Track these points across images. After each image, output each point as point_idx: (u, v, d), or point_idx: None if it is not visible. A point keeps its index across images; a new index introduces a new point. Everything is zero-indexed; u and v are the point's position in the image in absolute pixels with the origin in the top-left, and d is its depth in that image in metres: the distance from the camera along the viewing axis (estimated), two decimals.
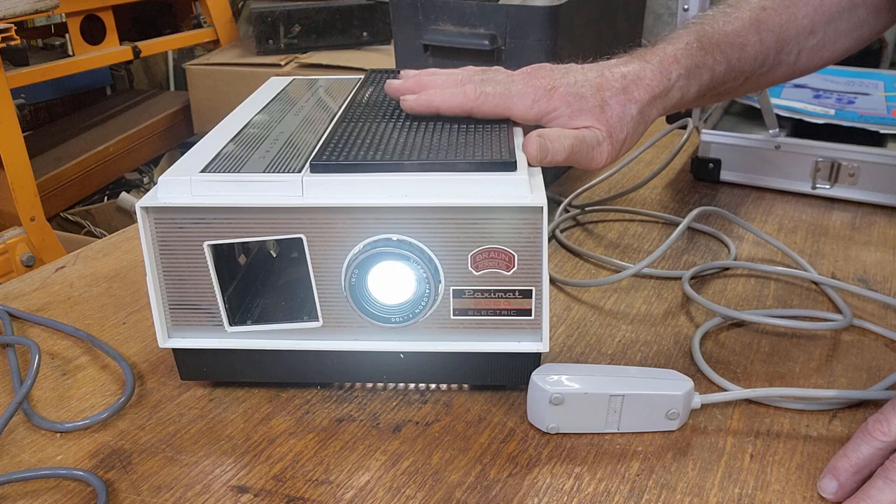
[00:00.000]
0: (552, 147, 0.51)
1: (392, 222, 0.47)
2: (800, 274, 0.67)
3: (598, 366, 0.53)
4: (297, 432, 0.50)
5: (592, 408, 0.48)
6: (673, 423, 0.49)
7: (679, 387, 0.48)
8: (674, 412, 0.48)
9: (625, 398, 0.48)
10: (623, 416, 0.48)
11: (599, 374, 0.49)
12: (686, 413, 0.49)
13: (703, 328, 0.59)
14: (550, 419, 0.48)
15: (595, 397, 0.48)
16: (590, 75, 0.55)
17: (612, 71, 0.55)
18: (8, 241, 1.64)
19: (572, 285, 0.67)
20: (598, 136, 0.53)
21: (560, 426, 0.49)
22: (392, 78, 0.59)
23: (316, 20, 2.19)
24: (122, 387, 0.55)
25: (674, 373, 0.50)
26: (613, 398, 0.48)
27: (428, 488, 0.45)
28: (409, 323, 0.49)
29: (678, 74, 0.55)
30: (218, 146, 0.52)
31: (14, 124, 1.66)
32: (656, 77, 0.55)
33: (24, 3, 1.63)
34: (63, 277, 0.70)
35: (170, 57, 2.86)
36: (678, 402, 0.48)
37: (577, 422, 0.49)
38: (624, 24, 0.97)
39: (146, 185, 2.25)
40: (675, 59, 0.56)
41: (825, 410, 0.51)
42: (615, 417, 0.48)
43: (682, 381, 0.49)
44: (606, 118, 0.53)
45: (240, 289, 0.54)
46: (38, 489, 0.46)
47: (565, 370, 0.49)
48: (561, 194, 0.83)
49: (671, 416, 0.48)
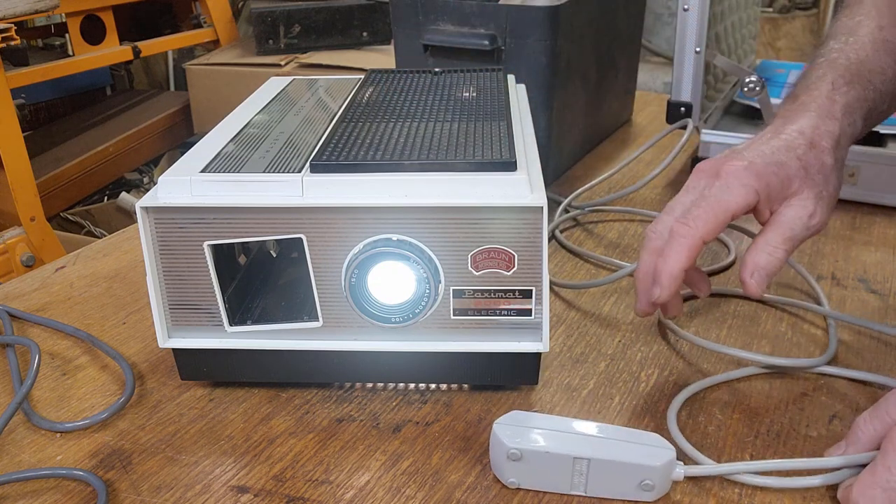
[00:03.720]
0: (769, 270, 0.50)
1: (392, 222, 0.47)
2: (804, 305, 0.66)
3: (575, 420, 0.45)
4: (297, 432, 0.50)
5: (555, 467, 0.44)
6: (647, 494, 0.44)
7: (656, 456, 0.43)
8: (648, 483, 0.43)
9: (591, 462, 0.43)
10: (590, 480, 0.44)
11: (569, 431, 0.44)
12: (665, 485, 0.44)
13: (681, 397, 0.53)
14: (510, 474, 0.44)
15: (558, 458, 0.43)
16: (773, 143, 0.51)
17: (788, 132, 0.52)
18: (8, 241, 1.64)
19: (570, 288, 0.67)
20: (808, 206, 0.50)
21: (520, 482, 0.45)
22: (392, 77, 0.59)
23: (316, 20, 2.18)
24: (122, 387, 0.55)
25: (656, 438, 0.44)
26: (578, 460, 0.43)
27: (428, 488, 0.45)
28: (409, 323, 0.49)
29: (841, 114, 0.53)
30: (218, 146, 0.52)
31: (14, 124, 1.66)
32: (827, 122, 0.52)
33: (24, 3, 1.63)
34: (63, 277, 0.70)
35: (170, 57, 2.86)
36: (654, 473, 0.43)
37: (539, 480, 0.44)
38: (624, 24, 0.97)
39: (146, 185, 2.25)
40: (832, 100, 0.53)
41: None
42: (581, 480, 0.44)
43: (662, 449, 0.43)
44: (812, 178, 0.50)
45: (240, 289, 0.54)
46: (38, 489, 0.46)
47: (534, 421, 0.45)
48: (561, 194, 0.83)
49: (645, 488, 0.43)
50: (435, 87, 0.63)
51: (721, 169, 0.50)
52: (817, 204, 0.50)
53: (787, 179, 0.49)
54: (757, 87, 0.82)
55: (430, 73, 0.67)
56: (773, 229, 0.50)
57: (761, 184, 0.49)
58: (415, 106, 0.58)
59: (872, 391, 0.53)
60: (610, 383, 0.54)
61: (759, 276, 0.50)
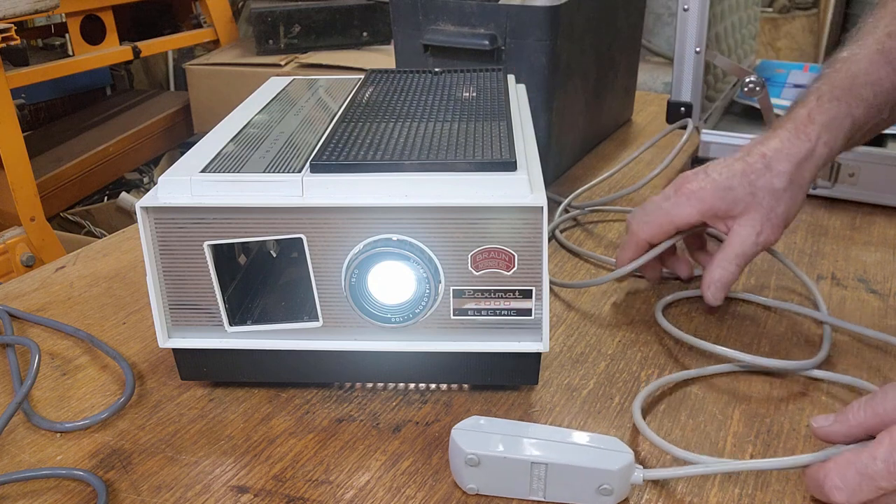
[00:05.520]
0: (723, 283, 0.57)
1: (392, 222, 0.47)
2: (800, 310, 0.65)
3: (535, 425, 0.46)
4: (297, 432, 0.50)
5: (513, 473, 0.43)
6: (606, 499, 0.43)
7: (614, 461, 0.43)
8: (606, 487, 0.43)
9: (548, 467, 0.43)
10: (548, 485, 0.44)
11: (527, 436, 0.44)
12: (624, 489, 0.44)
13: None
14: (469, 480, 0.44)
15: (515, 462, 0.43)
16: (734, 166, 0.57)
17: (753, 153, 0.57)
18: (8, 241, 1.64)
19: (570, 287, 0.67)
20: (755, 226, 0.56)
21: (479, 488, 0.44)
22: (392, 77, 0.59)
23: (316, 20, 2.18)
24: (122, 387, 0.55)
25: (615, 442, 0.44)
26: (536, 465, 0.43)
27: (428, 488, 0.45)
28: (409, 323, 0.49)
29: (818, 132, 0.56)
30: (218, 146, 0.52)
31: (14, 124, 1.66)
32: (794, 143, 0.56)
33: (24, 3, 1.63)
34: (63, 277, 0.70)
35: (170, 57, 2.85)
36: (611, 477, 0.43)
37: (498, 485, 0.44)
38: (624, 24, 0.97)
39: (146, 185, 2.25)
40: (809, 118, 0.57)
41: None
42: (540, 485, 0.44)
43: (621, 453, 0.43)
44: (758, 201, 0.56)
45: (240, 289, 0.54)
46: (38, 489, 0.46)
47: (493, 426, 0.45)
48: (561, 194, 0.83)
49: (603, 492, 0.43)
50: (435, 87, 0.63)
51: (682, 187, 0.58)
52: (764, 224, 0.56)
53: (732, 203, 0.56)
54: (757, 87, 0.82)
55: (429, 73, 0.67)
56: (726, 248, 0.58)
57: (705, 207, 0.57)
58: (415, 106, 0.58)
59: None
60: (610, 383, 0.54)
61: (715, 288, 0.58)
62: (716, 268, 0.58)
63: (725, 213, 0.57)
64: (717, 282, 0.58)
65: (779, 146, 0.57)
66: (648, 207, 0.61)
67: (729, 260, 0.57)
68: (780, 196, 0.56)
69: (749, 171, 0.56)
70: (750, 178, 0.56)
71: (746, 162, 0.57)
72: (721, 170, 0.57)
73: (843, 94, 0.57)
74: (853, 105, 0.57)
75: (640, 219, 0.60)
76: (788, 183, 0.56)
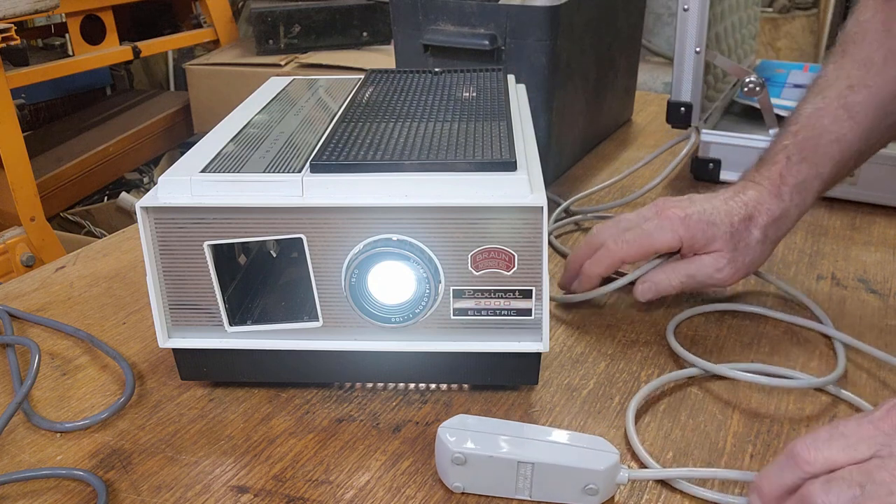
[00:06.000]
0: (659, 287, 0.59)
1: (392, 222, 0.47)
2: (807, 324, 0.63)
3: (522, 425, 0.46)
4: (297, 432, 0.50)
5: (500, 472, 0.44)
6: (592, 498, 0.43)
7: (600, 460, 0.43)
8: (592, 487, 0.43)
9: (535, 466, 0.43)
10: (534, 484, 0.44)
11: (513, 435, 0.44)
12: (610, 488, 0.44)
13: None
14: (455, 478, 0.44)
15: (501, 462, 0.43)
16: (715, 203, 0.58)
17: (736, 199, 0.58)
18: (8, 241, 1.64)
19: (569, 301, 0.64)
20: (719, 262, 0.58)
21: (465, 486, 0.44)
22: (392, 77, 0.59)
23: (316, 20, 2.18)
24: (122, 387, 0.55)
25: (602, 442, 0.44)
26: (522, 465, 0.43)
27: (428, 488, 0.45)
28: (409, 323, 0.49)
29: (790, 194, 0.58)
30: (218, 146, 0.52)
31: (14, 124, 1.65)
32: (773, 201, 0.58)
33: (24, 3, 1.63)
34: (63, 277, 0.70)
35: (170, 57, 2.85)
36: (597, 476, 0.43)
37: (484, 484, 0.44)
38: (624, 24, 0.97)
39: (146, 185, 2.25)
40: (782, 179, 0.58)
41: None
42: (526, 484, 0.44)
43: (607, 453, 0.43)
44: (734, 243, 0.57)
45: (240, 289, 0.54)
46: (38, 489, 0.46)
47: (480, 425, 0.45)
48: (561, 195, 0.83)
49: (589, 492, 0.43)
50: (435, 87, 0.63)
51: (666, 211, 0.58)
52: (728, 265, 0.58)
53: (712, 238, 0.57)
54: (757, 87, 0.82)
55: (429, 73, 0.67)
56: (684, 263, 0.59)
57: (687, 235, 0.57)
58: (415, 106, 0.58)
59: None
60: (610, 383, 0.54)
61: (647, 288, 0.59)
62: (662, 273, 0.59)
63: (702, 247, 0.58)
64: (656, 285, 0.59)
65: (758, 198, 0.58)
66: (624, 225, 0.60)
67: (678, 274, 0.59)
68: (753, 248, 0.58)
69: (732, 214, 0.58)
70: (732, 221, 0.57)
71: (729, 206, 0.58)
72: (705, 205, 0.58)
73: (810, 154, 0.59)
74: (821, 164, 0.59)
75: (618, 237, 0.59)
76: (763, 237, 0.58)
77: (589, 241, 0.62)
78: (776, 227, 0.59)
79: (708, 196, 0.59)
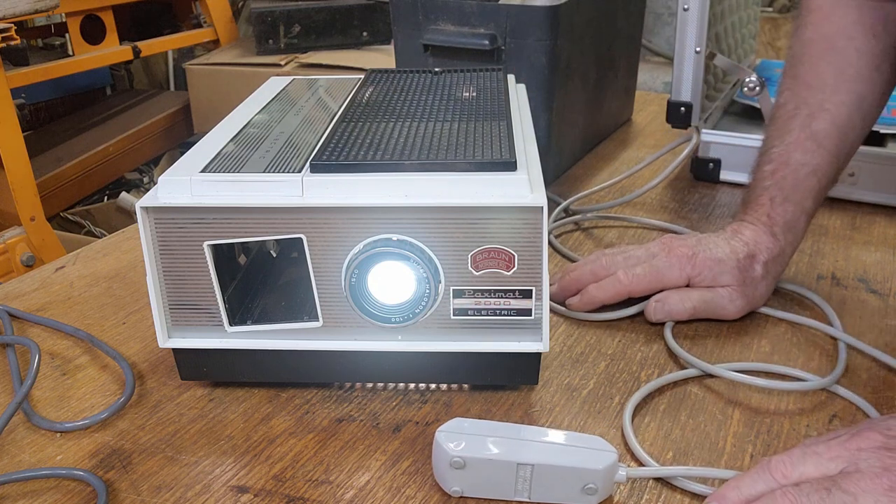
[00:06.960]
0: (671, 309, 0.60)
1: (392, 222, 0.47)
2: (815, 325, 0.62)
3: (519, 426, 0.45)
4: (297, 432, 0.50)
5: (499, 474, 0.43)
6: (591, 498, 0.44)
7: (599, 460, 0.43)
8: (591, 487, 0.43)
9: (534, 468, 0.43)
10: (534, 485, 0.44)
11: (512, 437, 0.44)
12: (608, 487, 0.44)
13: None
14: (453, 482, 0.44)
15: (501, 464, 0.43)
16: (719, 242, 0.61)
17: (736, 239, 0.61)
18: (8, 241, 1.64)
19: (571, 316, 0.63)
20: (731, 295, 0.60)
21: (464, 490, 0.44)
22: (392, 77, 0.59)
23: (316, 20, 2.18)
24: (122, 387, 0.55)
25: (600, 441, 0.44)
26: (522, 466, 0.43)
27: (428, 488, 0.45)
28: (409, 323, 0.49)
29: (783, 233, 0.61)
30: (218, 146, 0.52)
31: (14, 124, 1.65)
32: (770, 240, 0.61)
33: (24, 3, 1.63)
34: (63, 277, 0.70)
35: (170, 57, 2.85)
36: (596, 476, 0.43)
37: (483, 487, 0.44)
38: (624, 24, 0.97)
39: (146, 185, 2.25)
40: (772, 220, 0.61)
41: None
42: (525, 486, 0.44)
43: (605, 452, 0.43)
44: (743, 278, 0.60)
45: (240, 289, 0.54)
46: (38, 489, 0.46)
47: (477, 428, 0.45)
48: (561, 194, 0.83)
49: (588, 491, 0.43)
50: (435, 87, 0.63)
51: (675, 250, 0.61)
52: (742, 297, 0.60)
53: (720, 274, 0.60)
54: (757, 87, 0.82)
55: (429, 73, 0.67)
56: (699, 292, 0.60)
57: (695, 272, 0.60)
58: (415, 106, 0.58)
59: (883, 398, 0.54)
60: (610, 383, 0.54)
61: (660, 308, 0.60)
62: (676, 296, 0.60)
63: (710, 282, 0.60)
64: (669, 307, 0.60)
65: (756, 238, 0.61)
66: (633, 261, 0.62)
67: (692, 301, 0.60)
68: (759, 282, 0.61)
69: (737, 251, 0.60)
70: (738, 258, 0.60)
71: (732, 245, 0.61)
72: (710, 244, 0.61)
73: (791, 193, 0.61)
74: (804, 200, 0.62)
75: (630, 270, 0.61)
76: (765, 272, 0.61)
77: (595, 268, 0.63)
78: (775, 264, 0.61)
79: (709, 235, 0.62)
